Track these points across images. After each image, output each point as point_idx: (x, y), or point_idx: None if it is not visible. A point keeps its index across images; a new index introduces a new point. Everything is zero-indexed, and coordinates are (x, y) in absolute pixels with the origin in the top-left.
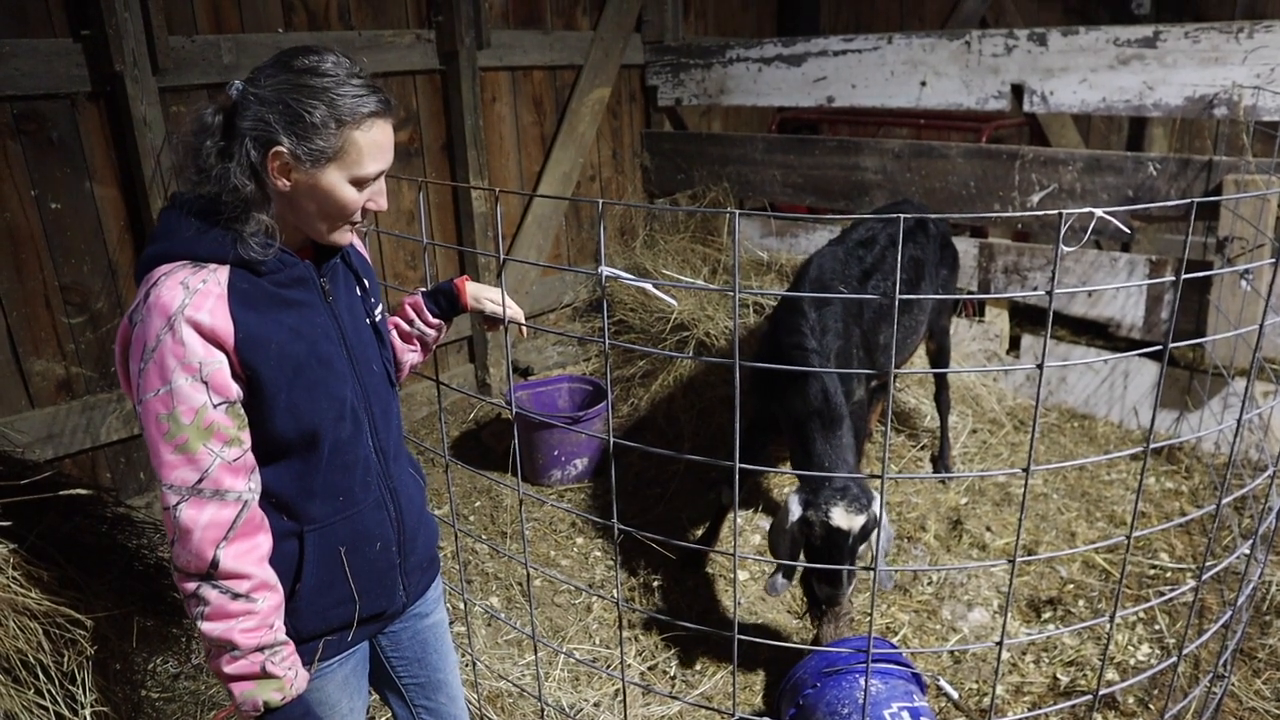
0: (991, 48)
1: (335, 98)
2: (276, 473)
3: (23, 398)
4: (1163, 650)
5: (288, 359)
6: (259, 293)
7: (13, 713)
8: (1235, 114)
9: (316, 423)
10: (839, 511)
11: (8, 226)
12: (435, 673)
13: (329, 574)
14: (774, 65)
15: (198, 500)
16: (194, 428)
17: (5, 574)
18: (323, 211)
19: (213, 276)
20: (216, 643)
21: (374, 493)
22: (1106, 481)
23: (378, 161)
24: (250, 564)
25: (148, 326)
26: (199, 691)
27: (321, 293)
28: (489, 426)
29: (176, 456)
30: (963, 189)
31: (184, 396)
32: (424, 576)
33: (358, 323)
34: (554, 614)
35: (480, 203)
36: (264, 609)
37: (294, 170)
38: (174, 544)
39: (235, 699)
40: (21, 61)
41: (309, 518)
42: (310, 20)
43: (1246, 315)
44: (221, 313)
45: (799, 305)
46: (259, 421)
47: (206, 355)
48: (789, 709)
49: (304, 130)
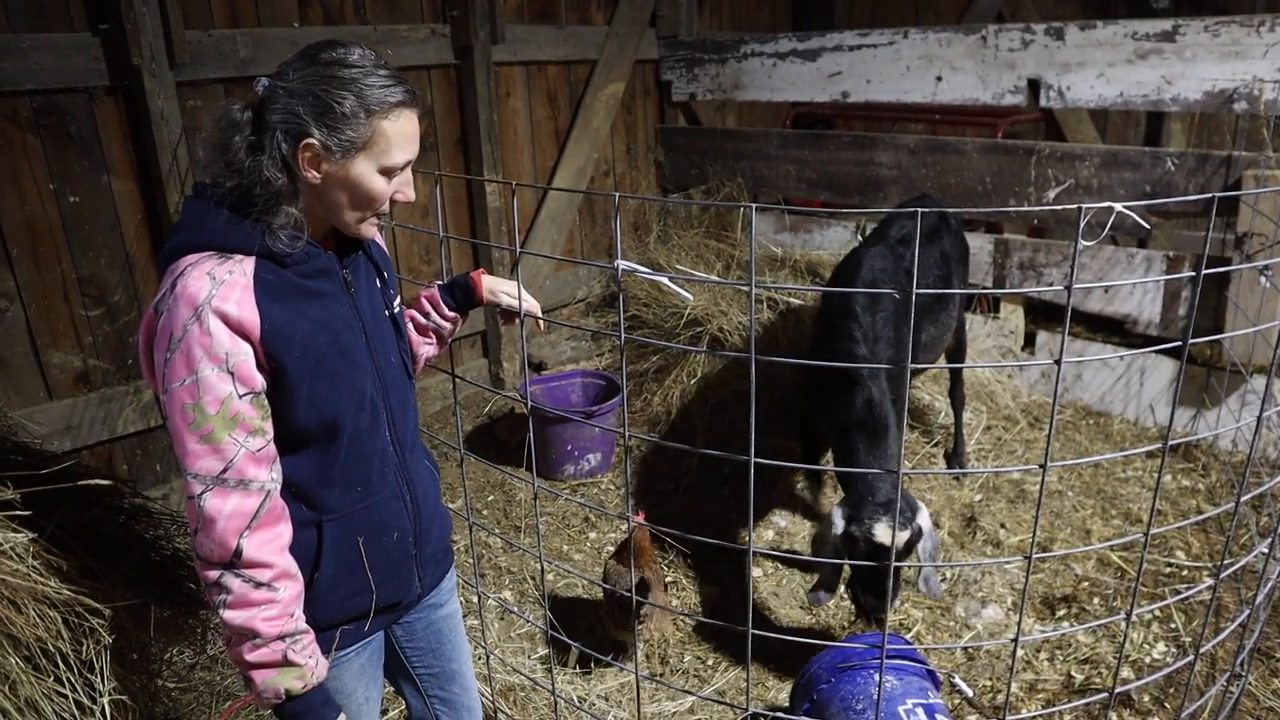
0: (1008, 42)
1: (364, 88)
2: (296, 463)
3: (41, 389)
4: (1178, 649)
5: (310, 350)
6: (284, 284)
7: (33, 700)
8: (1255, 109)
9: (336, 413)
10: (882, 527)
11: (27, 220)
12: (449, 663)
13: (347, 563)
14: (789, 60)
15: (222, 490)
16: (220, 418)
17: (25, 563)
18: (353, 202)
19: (239, 268)
20: (238, 631)
21: (391, 483)
22: (1122, 479)
23: (405, 151)
24: (272, 553)
25: (174, 316)
26: (214, 682)
27: (344, 284)
28: (502, 421)
29: (202, 446)
30: (978, 184)
31: (210, 387)
32: (438, 567)
33: (377, 315)
34: (567, 608)
35: (494, 197)
36: (285, 598)
37: (324, 161)
38: (196, 533)
39: (256, 687)
40: (41, 56)
41: (328, 507)
42: (325, 15)
43: (1265, 312)
44: (248, 304)
45: (851, 308)
46: (280, 412)
47: (233, 346)
48: (803, 704)
49: (334, 121)
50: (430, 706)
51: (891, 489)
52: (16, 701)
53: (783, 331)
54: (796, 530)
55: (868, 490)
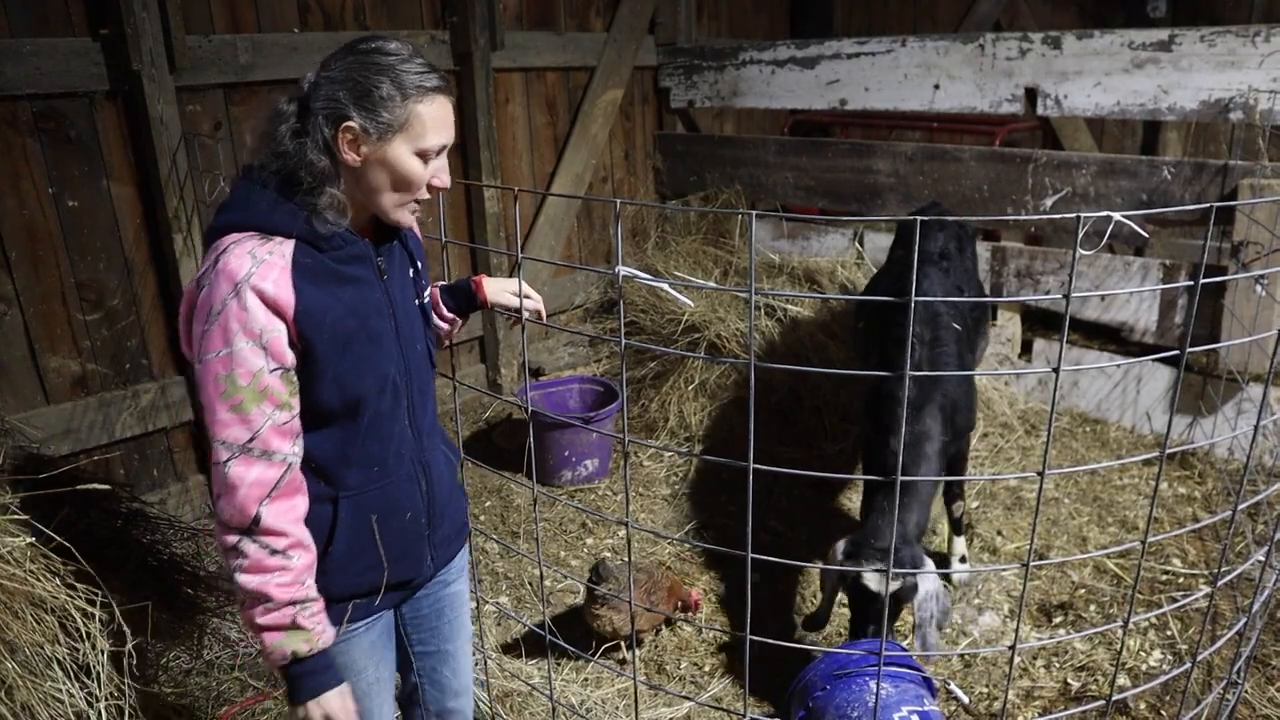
0: (1005, 51)
1: (399, 74)
2: (317, 439)
3: (39, 394)
4: (1174, 656)
5: (340, 333)
6: (320, 268)
7: (29, 705)
8: (1251, 118)
9: (360, 394)
10: (872, 573)
11: (26, 223)
12: (446, 643)
13: (360, 540)
14: (787, 67)
15: (246, 458)
16: (250, 390)
17: (23, 567)
18: (391, 184)
19: (279, 249)
20: (252, 595)
21: (407, 466)
22: (1118, 486)
23: (440, 135)
24: (289, 523)
25: (214, 291)
26: (210, 688)
27: (378, 271)
28: (500, 427)
29: (231, 415)
30: (975, 192)
31: (243, 359)
32: (451, 547)
33: (408, 302)
34: (564, 614)
35: (493, 203)
36: (298, 566)
37: (363, 144)
38: (219, 499)
39: (265, 648)
40: (41, 60)
41: (345, 485)
42: (326, 21)
43: (1261, 320)
44: (285, 284)
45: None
46: (306, 389)
47: (268, 323)
48: (798, 711)
49: (371, 104)
50: (420, 687)
51: (900, 541)
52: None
53: (781, 338)
54: (792, 536)
55: (873, 532)
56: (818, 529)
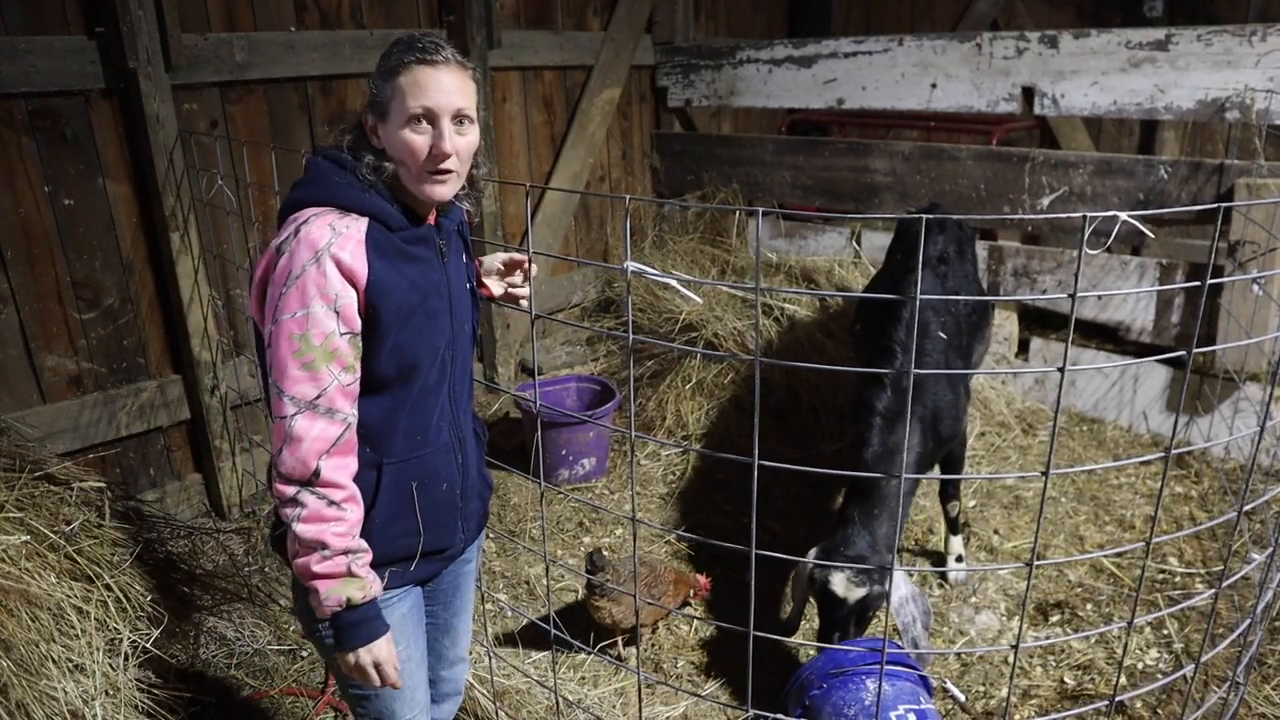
0: (1002, 50)
1: (386, 58)
2: (369, 405)
3: (34, 392)
4: (1171, 655)
5: (404, 305)
6: (389, 245)
7: (24, 703)
8: (1247, 117)
9: (415, 363)
10: (839, 578)
11: (21, 222)
12: (453, 616)
13: (400, 505)
14: (784, 67)
15: (312, 414)
16: (322, 350)
17: (18, 566)
18: (403, 157)
19: (355, 224)
20: (309, 543)
21: (445, 437)
22: (1115, 485)
23: (418, 98)
24: (345, 478)
25: (295, 257)
26: (207, 686)
27: (439, 254)
28: (497, 426)
29: (302, 373)
30: (973, 191)
31: (318, 321)
32: (477, 523)
33: (462, 285)
34: (563, 612)
35: (491, 202)
36: (352, 519)
37: (378, 126)
38: (280, 451)
39: (320, 596)
40: (36, 58)
41: (389, 452)
42: (323, 19)
43: (1258, 319)
44: (360, 256)
45: (892, 349)
46: (367, 356)
47: (342, 290)
48: (795, 709)
49: (374, 90)
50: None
51: (868, 549)
52: (7, 704)
53: (779, 338)
54: (790, 535)
55: (843, 540)
56: (814, 529)
